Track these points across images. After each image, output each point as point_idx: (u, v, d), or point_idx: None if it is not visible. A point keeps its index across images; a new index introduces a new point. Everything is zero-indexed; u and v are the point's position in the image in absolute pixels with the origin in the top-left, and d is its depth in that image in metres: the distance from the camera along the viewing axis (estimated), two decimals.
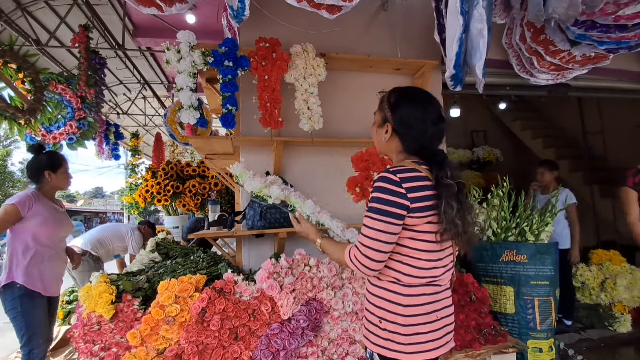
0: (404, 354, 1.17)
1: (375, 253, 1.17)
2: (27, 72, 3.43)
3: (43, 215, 2.31)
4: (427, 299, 1.21)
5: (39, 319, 2.25)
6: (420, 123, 1.26)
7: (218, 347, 1.85)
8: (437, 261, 1.23)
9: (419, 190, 1.18)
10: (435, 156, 1.25)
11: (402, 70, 3.08)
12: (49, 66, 4.05)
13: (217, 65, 2.42)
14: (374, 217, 1.17)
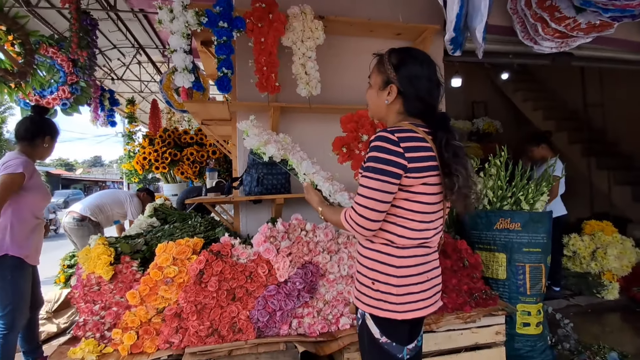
0: (396, 313, 1.20)
1: (371, 212, 1.16)
2: (16, 35, 3.31)
3: (39, 184, 2.27)
4: (419, 260, 1.23)
5: (26, 289, 2.25)
6: (428, 82, 1.25)
7: (216, 307, 1.90)
8: (429, 223, 1.24)
9: (417, 151, 1.17)
10: (441, 119, 1.26)
11: (403, 35, 2.99)
12: (40, 29, 3.92)
13: (212, 26, 2.34)
14: (371, 176, 1.16)
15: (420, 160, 1.17)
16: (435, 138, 1.22)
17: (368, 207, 1.16)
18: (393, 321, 1.22)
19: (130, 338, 1.79)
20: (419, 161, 1.17)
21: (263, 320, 1.93)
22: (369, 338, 1.27)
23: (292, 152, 1.70)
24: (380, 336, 1.24)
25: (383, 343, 1.24)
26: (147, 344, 1.81)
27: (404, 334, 1.27)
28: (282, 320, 1.98)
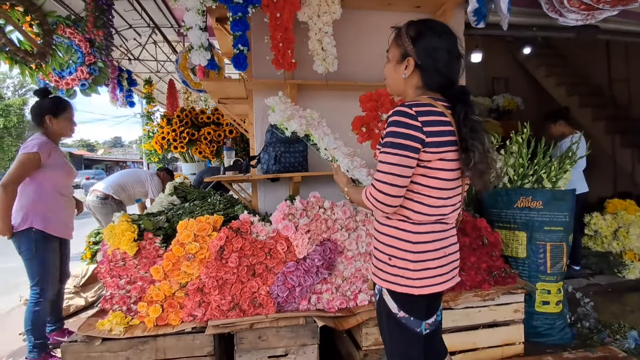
0: (414, 288, 1.21)
1: (390, 187, 1.14)
2: (34, 15, 3.32)
3: (59, 161, 2.35)
4: (436, 237, 1.23)
5: (52, 261, 2.34)
6: (446, 54, 1.20)
7: (237, 282, 1.94)
8: (447, 199, 1.22)
9: (435, 125, 1.14)
10: (461, 92, 1.22)
11: (422, 7, 2.87)
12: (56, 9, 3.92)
13: (227, 2, 2.30)
14: (389, 151, 1.14)
15: (438, 135, 1.14)
16: (454, 112, 1.19)
17: (387, 183, 1.14)
18: (411, 296, 1.22)
19: (155, 311, 1.85)
20: (438, 135, 1.14)
21: (283, 295, 1.97)
22: (386, 313, 1.28)
23: (316, 128, 1.68)
24: (398, 311, 1.25)
25: (401, 318, 1.25)
26: (171, 317, 1.88)
27: (422, 309, 1.28)
28: (301, 296, 2.01)
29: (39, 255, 2.27)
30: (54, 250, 2.37)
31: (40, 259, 2.28)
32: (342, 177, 1.50)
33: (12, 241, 2.29)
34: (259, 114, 2.70)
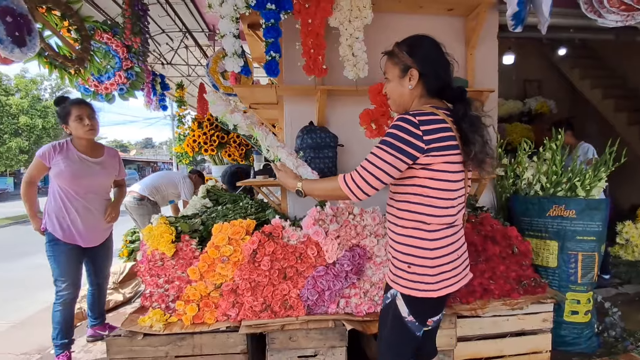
0: (433, 292, 1.30)
1: (375, 180, 1.24)
2: (71, 20, 3.43)
3: (60, 166, 2.31)
4: (449, 240, 1.31)
5: (65, 265, 2.34)
6: (442, 59, 1.33)
7: (269, 285, 2.00)
8: (453, 200, 1.30)
9: (437, 132, 1.23)
10: (459, 92, 1.32)
11: (454, 10, 2.85)
12: (92, 13, 4.08)
13: (260, 9, 2.35)
14: (385, 148, 1.23)
15: (440, 140, 1.23)
16: (454, 111, 1.30)
17: (374, 175, 1.23)
18: (429, 300, 1.30)
19: (192, 309, 1.94)
20: (439, 141, 1.23)
21: (312, 298, 2.01)
22: (394, 315, 1.37)
23: (258, 127, 1.72)
24: (407, 315, 1.34)
25: (408, 321, 1.35)
26: (207, 316, 1.95)
27: (429, 313, 1.38)
28: (331, 300, 2.05)
29: (52, 256, 2.34)
30: (68, 255, 2.36)
31: (53, 261, 2.34)
32: (290, 173, 1.53)
33: None
34: (289, 120, 2.76)
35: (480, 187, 2.84)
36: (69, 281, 2.36)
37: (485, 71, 2.98)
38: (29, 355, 2.84)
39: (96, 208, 2.46)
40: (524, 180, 2.78)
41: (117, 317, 3.14)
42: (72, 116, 2.36)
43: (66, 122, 2.38)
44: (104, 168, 2.49)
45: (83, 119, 2.36)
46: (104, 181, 2.51)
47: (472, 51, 2.93)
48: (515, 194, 2.81)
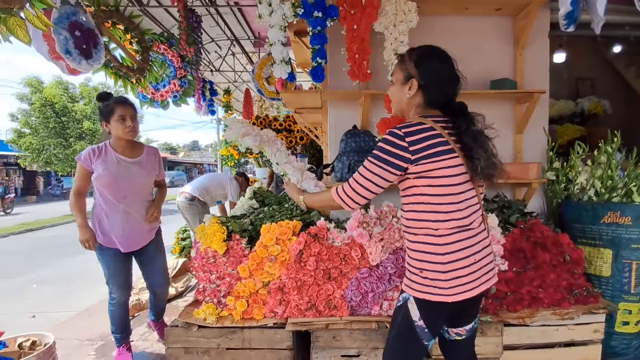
0: (447, 296, 1.30)
1: (364, 191, 1.34)
2: (133, 33, 3.74)
3: (99, 170, 2.25)
4: (463, 245, 1.31)
5: (111, 269, 2.36)
6: (447, 74, 1.37)
7: (314, 285, 2.06)
8: (458, 204, 1.30)
9: (424, 140, 1.28)
10: (459, 107, 1.37)
11: (503, 10, 2.78)
12: (150, 26, 4.39)
13: (307, 17, 2.43)
14: (374, 161, 1.32)
15: (429, 148, 1.27)
16: (455, 125, 1.33)
17: (364, 186, 1.33)
18: (441, 305, 1.31)
19: (242, 305, 2.05)
20: (428, 149, 1.27)
21: (356, 300, 2.05)
22: (403, 317, 1.38)
23: (270, 145, 1.80)
24: (418, 320, 1.35)
25: (417, 326, 1.35)
26: (255, 312, 2.06)
27: (440, 320, 1.39)
28: (374, 302, 2.07)
29: (100, 260, 2.37)
30: (113, 260, 2.37)
31: (102, 265, 2.38)
32: (294, 188, 1.71)
33: None
34: (333, 123, 2.82)
35: (530, 192, 2.74)
36: (117, 284, 2.39)
37: (536, 71, 2.88)
38: (92, 341, 3.11)
39: (136, 211, 2.39)
40: (577, 185, 2.65)
41: (170, 310, 3.36)
42: (115, 115, 2.27)
43: (107, 120, 2.29)
44: (142, 168, 2.40)
45: (126, 120, 2.29)
46: (143, 181, 2.42)
47: (522, 51, 2.84)
48: (567, 200, 2.68)
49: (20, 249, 8.51)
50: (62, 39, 2.20)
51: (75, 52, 2.34)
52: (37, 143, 14.01)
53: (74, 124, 14.47)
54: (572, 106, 5.45)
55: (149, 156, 2.46)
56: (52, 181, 23.85)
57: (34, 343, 2.13)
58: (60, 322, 3.75)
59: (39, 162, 14.43)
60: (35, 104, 14.02)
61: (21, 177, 23.64)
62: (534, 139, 2.89)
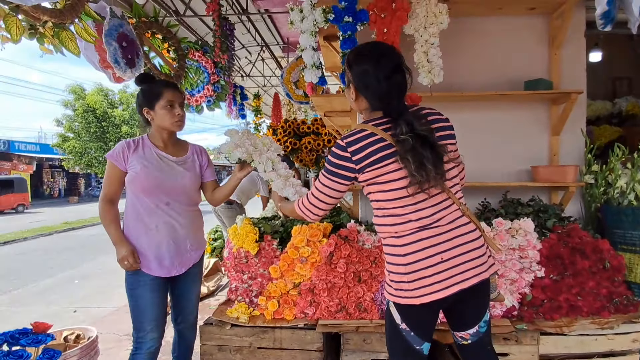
0: (413, 299, 1.24)
1: (320, 203, 1.39)
2: (170, 42, 3.93)
3: (136, 168, 1.76)
4: (426, 244, 1.24)
5: (146, 301, 1.76)
6: (373, 79, 1.28)
7: (344, 287, 2.08)
8: (416, 204, 1.25)
9: (365, 149, 1.25)
10: (392, 112, 1.28)
11: (537, 9, 2.70)
12: (186, 35, 4.58)
13: (337, 22, 2.46)
14: (326, 175, 1.35)
15: (371, 155, 1.24)
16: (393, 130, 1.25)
17: (319, 199, 1.38)
18: (412, 307, 1.25)
19: (273, 305, 2.09)
20: (370, 156, 1.24)
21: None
22: (390, 322, 1.36)
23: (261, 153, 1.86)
24: (401, 322, 1.31)
25: (402, 329, 1.31)
26: (286, 312, 2.10)
27: (425, 325, 1.32)
28: None
29: (132, 290, 1.78)
30: (149, 289, 1.78)
31: (132, 297, 1.78)
32: (275, 195, 1.78)
33: None
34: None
35: (567, 196, 2.64)
36: (153, 323, 1.78)
37: (572, 71, 2.78)
38: (130, 336, 3.25)
39: (181, 223, 1.84)
40: (617, 189, 2.53)
41: (201, 308, 3.45)
42: (163, 101, 1.80)
43: (151, 106, 1.81)
44: (189, 169, 1.90)
45: (175, 107, 1.82)
46: (189, 185, 1.88)
47: (557, 51, 2.75)
48: (606, 204, 2.57)
49: (63, 246, 9.02)
50: (112, 49, 2.34)
51: (122, 62, 2.49)
52: (80, 147, 14.85)
53: (113, 129, 15.23)
54: (609, 107, 5.20)
55: (196, 156, 1.97)
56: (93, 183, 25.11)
57: (78, 336, 2.26)
58: (100, 317, 3.95)
59: (81, 165, 15.28)
60: (78, 110, 14.88)
61: (64, 178, 25.08)
62: (571, 140, 2.78)
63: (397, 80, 1.28)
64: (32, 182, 21.57)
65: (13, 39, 1.75)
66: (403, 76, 1.29)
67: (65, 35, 1.97)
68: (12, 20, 1.72)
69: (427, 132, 1.24)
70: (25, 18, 1.79)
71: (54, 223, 12.74)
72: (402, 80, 1.29)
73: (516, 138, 2.76)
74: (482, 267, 1.28)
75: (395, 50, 1.35)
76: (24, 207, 17.83)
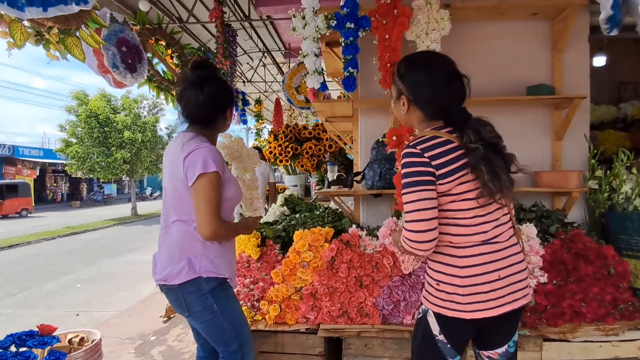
0: (464, 312, 1.19)
1: (419, 224, 1.16)
2: (174, 48, 3.96)
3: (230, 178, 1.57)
4: (486, 259, 1.19)
5: (241, 312, 1.64)
6: (429, 88, 1.23)
7: (345, 292, 2.08)
8: (484, 216, 1.20)
9: (442, 156, 1.17)
10: (456, 120, 1.22)
11: (539, 14, 2.72)
12: (189, 42, 4.63)
13: (339, 28, 2.48)
14: (407, 191, 1.19)
15: (448, 164, 1.17)
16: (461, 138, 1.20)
17: (415, 220, 1.17)
18: (461, 320, 1.20)
19: (275, 309, 2.09)
20: (448, 165, 1.17)
21: (388, 308, 2.04)
22: (424, 331, 1.29)
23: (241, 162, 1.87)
24: (438, 334, 1.26)
25: (438, 340, 1.26)
26: (288, 317, 2.09)
27: (464, 339, 1.28)
28: (406, 311, 2.06)
29: (229, 308, 1.55)
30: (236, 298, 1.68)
31: (231, 315, 1.56)
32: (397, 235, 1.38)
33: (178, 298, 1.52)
34: (363, 132, 2.84)
35: (570, 201, 2.63)
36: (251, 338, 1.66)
37: (575, 76, 2.79)
38: (132, 340, 3.26)
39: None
40: (622, 195, 2.52)
41: None
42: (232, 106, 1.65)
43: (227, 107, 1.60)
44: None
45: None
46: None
47: (560, 55, 2.76)
48: (610, 210, 2.56)
49: (66, 250, 9.04)
50: (110, 54, 2.36)
51: (122, 67, 2.51)
52: (82, 152, 14.92)
53: (116, 134, 15.31)
54: (613, 111, 5.18)
55: None
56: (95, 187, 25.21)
57: (82, 339, 2.26)
58: (102, 320, 3.96)
59: (83, 170, 15.35)
60: (81, 116, 14.97)
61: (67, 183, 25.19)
62: (574, 146, 2.78)
63: (456, 87, 1.25)
64: (36, 186, 21.68)
65: (17, 45, 1.77)
66: (461, 82, 1.26)
67: (71, 42, 1.99)
68: (16, 26, 1.74)
69: (496, 139, 1.21)
70: (30, 24, 1.81)
71: (56, 227, 12.78)
72: (461, 86, 1.26)
73: (519, 143, 2.74)
74: (527, 290, 1.27)
75: (447, 57, 1.30)
76: (28, 211, 17.92)
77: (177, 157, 1.47)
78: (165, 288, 1.53)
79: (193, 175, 1.41)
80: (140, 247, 8.54)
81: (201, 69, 1.59)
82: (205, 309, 1.50)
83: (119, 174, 15.77)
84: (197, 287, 1.48)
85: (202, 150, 1.43)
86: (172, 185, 1.50)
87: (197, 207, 1.43)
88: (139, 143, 15.45)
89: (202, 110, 1.52)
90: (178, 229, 1.50)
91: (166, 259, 1.51)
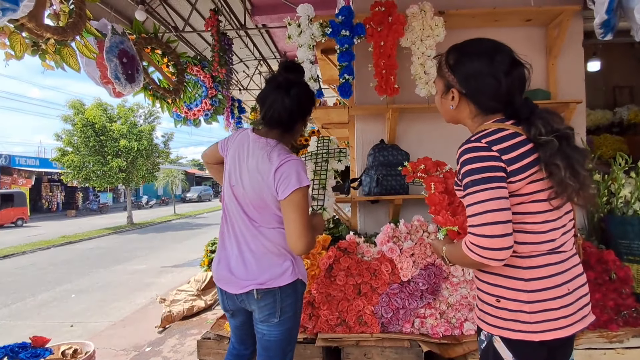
0: (533, 334, 1.01)
1: (493, 227, 0.96)
2: (170, 57, 3.96)
3: None
4: (554, 270, 1.02)
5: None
6: (490, 78, 1.06)
7: (344, 300, 2.05)
8: (554, 221, 1.04)
9: (512, 150, 1.01)
10: (521, 111, 1.06)
11: (533, 21, 2.75)
12: (185, 50, 4.63)
13: (335, 36, 2.49)
14: (476, 189, 0.99)
15: (519, 159, 1.00)
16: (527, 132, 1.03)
17: (489, 223, 0.97)
18: (530, 343, 1.02)
19: None
20: (519, 160, 1.00)
21: (387, 316, 2.02)
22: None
23: None
24: None
25: None
26: None
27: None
28: (405, 319, 2.03)
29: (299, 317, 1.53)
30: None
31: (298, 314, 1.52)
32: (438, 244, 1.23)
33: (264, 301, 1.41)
34: (360, 138, 2.83)
35: None
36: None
37: (570, 81, 2.81)
38: (126, 351, 3.19)
39: None
40: (621, 199, 2.52)
41: (199, 322, 3.42)
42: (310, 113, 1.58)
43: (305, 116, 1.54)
44: None
45: None
46: None
47: (554, 61, 2.78)
48: (610, 214, 2.55)
49: (61, 260, 8.93)
50: (113, 66, 2.36)
51: (123, 77, 2.51)
52: (78, 161, 14.83)
53: (112, 143, 15.24)
54: (609, 116, 5.22)
55: None
56: (90, 196, 25.05)
57: (76, 351, 2.22)
58: (96, 331, 3.89)
59: (79, 179, 15.24)
60: (78, 125, 14.90)
61: (62, 192, 25.02)
62: None
63: (519, 74, 1.08)
64: (31, 196, 21.52)
65: (17, 56, 1.77)
66: (523, 69, 1.09)
67: (67, 52, 1.99)
68: (16, 38, 1.74)
69: (569, 130, 1.03)
70: (28, 35, 1.81)
71: (52, 237, 12.65)
72: (523, 73, 1.09)
73: None
74: (589, 304, 1.10)
75: (503, 43, 1.11)
76: (23, 221, 17.74)
77: (263, 166, 1.38)
78: (262, 292, 1.40)
79: (287, 189, 1.33)
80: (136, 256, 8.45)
81: (292, 72, 1.48)
82: (294, 314, 1.44)
83: (115, 183, 15.66)
84: (294, 290, 1.44)
85: (294, 163, 1.36)
86: (256, 194, 1.40)
87: (289, 221, 1.34)
88: (134, 151, 15.38)
89: (287, 115, 1.42)
90: (274, 231, 1.42)
91: (265, 262, 1.42)
